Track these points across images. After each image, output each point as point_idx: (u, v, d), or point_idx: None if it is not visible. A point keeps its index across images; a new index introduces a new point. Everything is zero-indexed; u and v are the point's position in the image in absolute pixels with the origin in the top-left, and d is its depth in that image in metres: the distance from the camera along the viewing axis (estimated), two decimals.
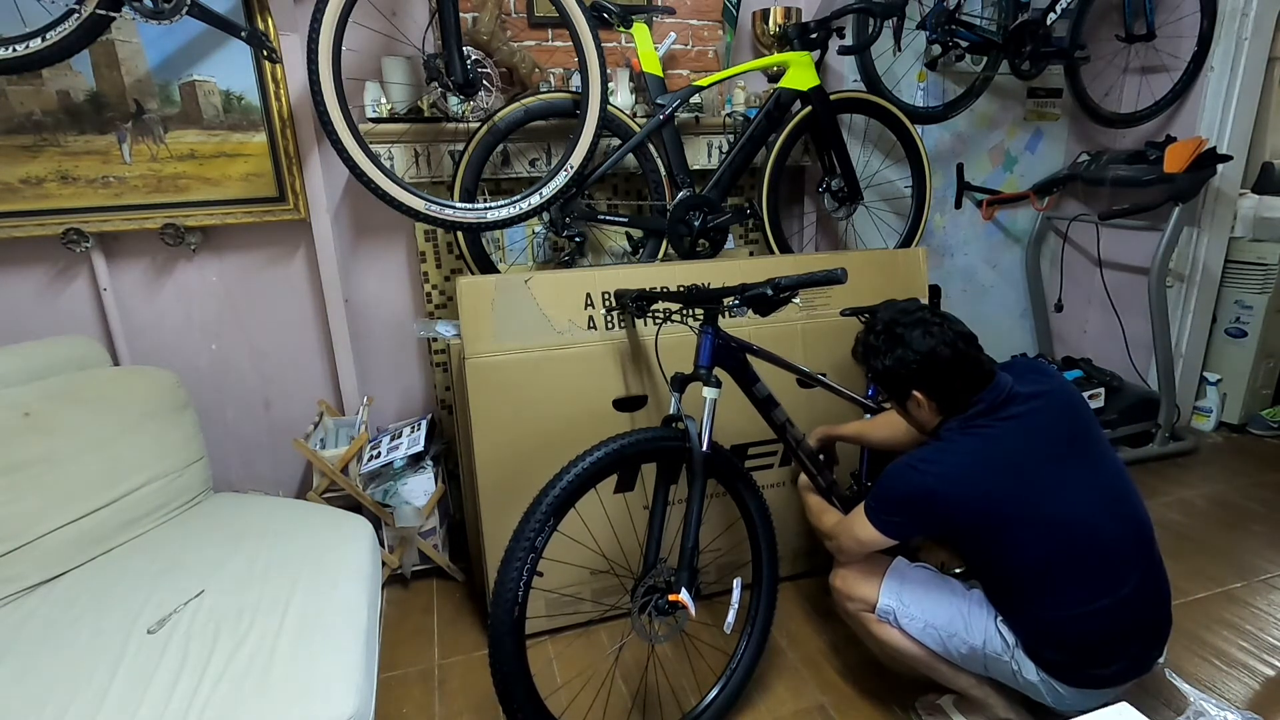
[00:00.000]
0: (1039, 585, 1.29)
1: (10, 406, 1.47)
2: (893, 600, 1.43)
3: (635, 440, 1.40)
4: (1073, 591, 1.27)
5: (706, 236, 2.13)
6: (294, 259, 2.15)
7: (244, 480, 2.24)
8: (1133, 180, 2.63)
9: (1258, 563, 2.10)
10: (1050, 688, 1.32)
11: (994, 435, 1.30)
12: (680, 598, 1.33)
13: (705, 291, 1.49)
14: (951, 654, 1.40)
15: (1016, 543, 1.30)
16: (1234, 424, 3.04)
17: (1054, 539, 1.28)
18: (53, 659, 1.18)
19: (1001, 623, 1.36)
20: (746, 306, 1.41)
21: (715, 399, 1.44)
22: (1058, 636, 1.29)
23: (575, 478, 1.34)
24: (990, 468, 1.29)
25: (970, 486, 1.29)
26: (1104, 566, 1.28)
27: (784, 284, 1.36)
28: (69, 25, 1.48)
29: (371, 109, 1.96)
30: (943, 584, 1.45)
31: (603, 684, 1.65)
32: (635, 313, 1.69)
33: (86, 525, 1.48)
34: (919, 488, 1.31)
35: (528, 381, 1.70)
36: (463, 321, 1.66)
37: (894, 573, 1.46)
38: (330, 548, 1.49)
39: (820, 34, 2.10)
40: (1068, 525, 1.28)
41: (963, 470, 1.29)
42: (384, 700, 1.64)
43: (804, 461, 1.70)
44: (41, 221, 1.82)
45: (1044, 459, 1.29)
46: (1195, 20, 2.62)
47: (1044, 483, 1.29)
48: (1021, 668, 1.33)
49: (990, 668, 1.39)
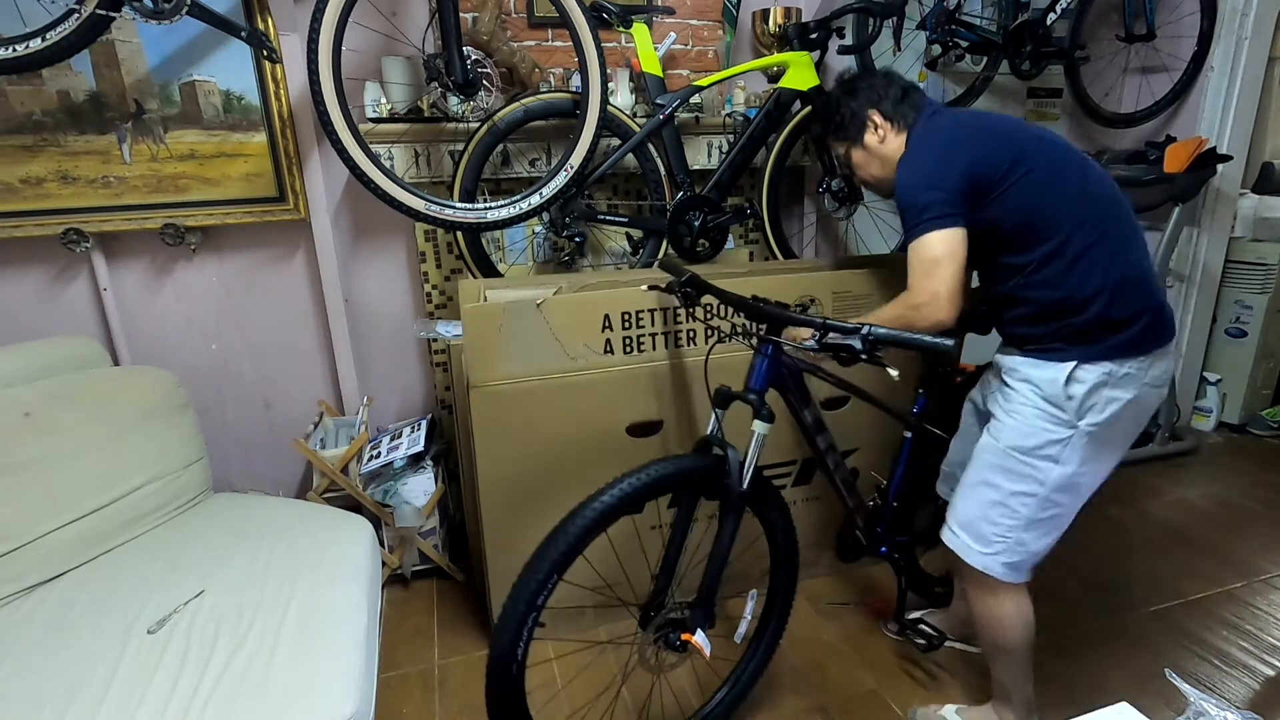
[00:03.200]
0: (1084, 239, 1.23)
1: (10, 406, 1.47)
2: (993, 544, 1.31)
3: (671, 470, 1.24)
4: (1113, 228, 1.25)
5: (706, 236, 2.13)
6: (294, 259, 2.15)
7: (244, 480, 2.24)
8: (1133, 180, 2.62)
9: (1258, 563, 2.10)
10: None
11: (963, 114, 1.38)
12: (695, 640, 1.26)
13: (777, 314, 1.29)
14: (1056, 503, 1.29)
15: (1044, 182, 1.24)
16: (1234, 424, 3.04)
17: (1076, 178, 1.26)
18: (53, 659, 1.17)
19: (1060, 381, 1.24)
20: (825, 352, 1.16)
21: (765, 435, 1.29)
22: (1119, 276, 1.23)
23: (604, 505, 1.19)
24: (979, 125, 1.32)
25: (974, 134, 1.29)
26: (1124, 210, 1.28)
27: (878, 338, 1.11)
28: (69, 25, 1.48)
29: (371, 109, 1.96)
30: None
31: (607, 710, 1.62)
32: (682, 301, 1.45)
33: (86, 525, 1.48)
34: (933, 153, 1.30)
35: (537, 410, 1.61)
36: (468, 346, 1.56)
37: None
38: (330, 548, 1.49)
39: (820, 34, 2.10)
40: (1082, 164, 1.28)
41: (958, 126, 1.33)
42: (384, 700, 1.64)
43: (838, 486, 1.58)
44: (41, 221, 1.82)
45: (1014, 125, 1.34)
46: (1195, 20, 2.62)
47: (1037, 137, 1.30)
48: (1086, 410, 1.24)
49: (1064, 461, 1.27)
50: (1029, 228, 1.25)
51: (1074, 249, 1.23)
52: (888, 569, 1.97)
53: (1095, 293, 1.22)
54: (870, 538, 1.68)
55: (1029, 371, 1.29)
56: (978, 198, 1.26)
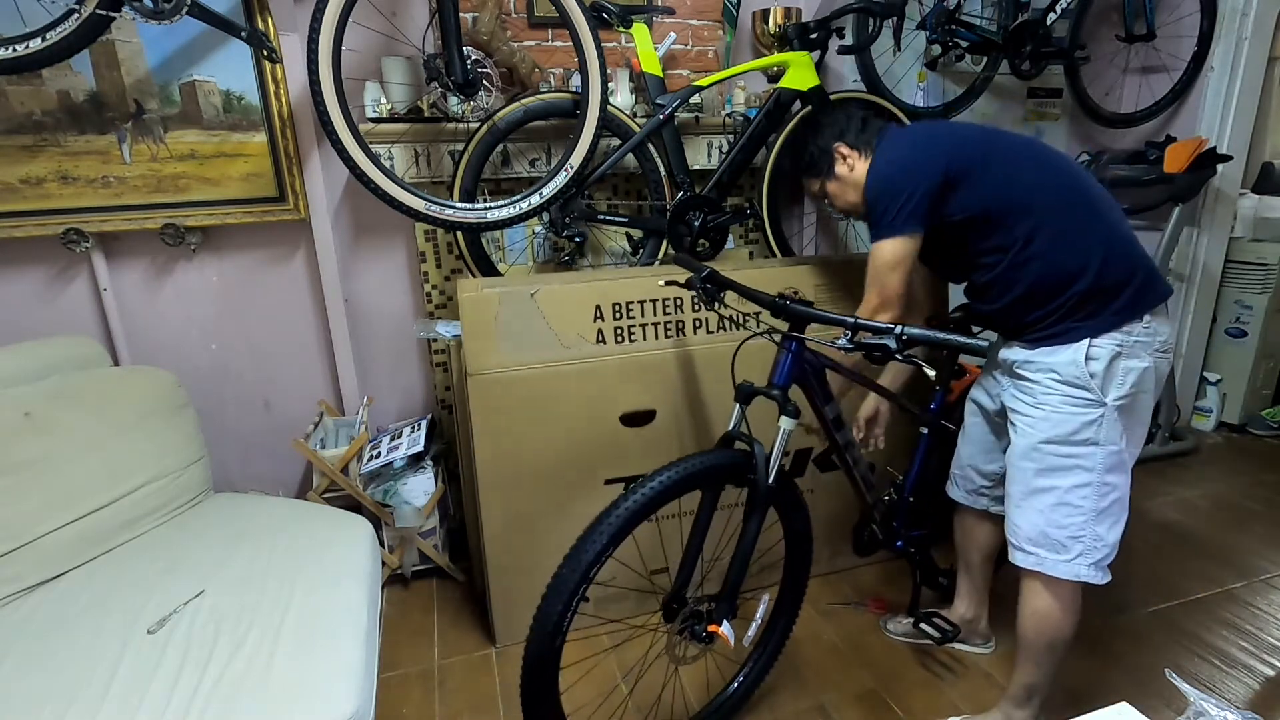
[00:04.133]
0: (1059, 214, 1.29)
1: (10, 406, 1.47)
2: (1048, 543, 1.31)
3: (704, 465, 1.28)
4: (1083, 197, 1.31)
5: (706, 236, 2.13)
6: (294, 259, 2.15)
7: (244, 480, 2.24)
8: (1133, 180, 2.63)
9: (1258, 563, 2.10)
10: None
11: (920, 124, 1.47)
12: (721, 631, 1.30)
13: (802, 311, 1.32)
14: (1109, 486, 1.29)
15: (1010, 167, 1.32)
16: (1234, 424, 3.04)
17: (1035, 160, 1.34)
18: (53, 659, 1.18)
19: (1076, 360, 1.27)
20: (858, 351, 1.20)
21: (790, 431, 1.31)
22: (1105, 238, 1.28)
23: (641, 500, 1.22)
24: (936, 129, 1.43)
25: (941, 139, 1.37)
26: (1089, 181, 1.35)
27: (912, 338, 1.14)
28: (69, 25, 1.47)
29: (371, 109, 1.96)
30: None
31: (626, 695, 1.64)
32: (704, 296, 1.44)
33: (86, 525, 1.48)
34: (901, 160, 1.36)
35: (533, 398, 1.65)
36: (465, 336, 1.61)
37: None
38: (330, 548, 1.49)
39: (820, 34, 2.10)
40: (1031, 145, 1.37)
41: (924, 131, 1.42)
42: (384, 700, 1.64)
43: (856, 479, 1.61)
44: (41, 221, 1.82)
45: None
46: (1195, 20, 2.62)
47: (987, 131, 1.41)
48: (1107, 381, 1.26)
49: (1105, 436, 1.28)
50: (1007, 210, 1.30)
51: (1055, 221, 1.28)
52: (888, 569, 1.98)
53: (1085, 259, 1.26)
54: (886, 532, 1.71)
55: (1046, 360, 1.30)
56: (948, 191, 1.32)
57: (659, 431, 1.77)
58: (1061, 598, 1.34)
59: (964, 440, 1.60)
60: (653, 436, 1.77)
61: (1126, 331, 1.26)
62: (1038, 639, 1.38)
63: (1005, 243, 1.31)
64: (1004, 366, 1.41)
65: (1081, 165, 1.39)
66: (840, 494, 2.02)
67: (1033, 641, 1.39)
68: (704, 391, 1.80)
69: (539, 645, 1.18)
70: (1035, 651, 1.39)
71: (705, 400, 1.81)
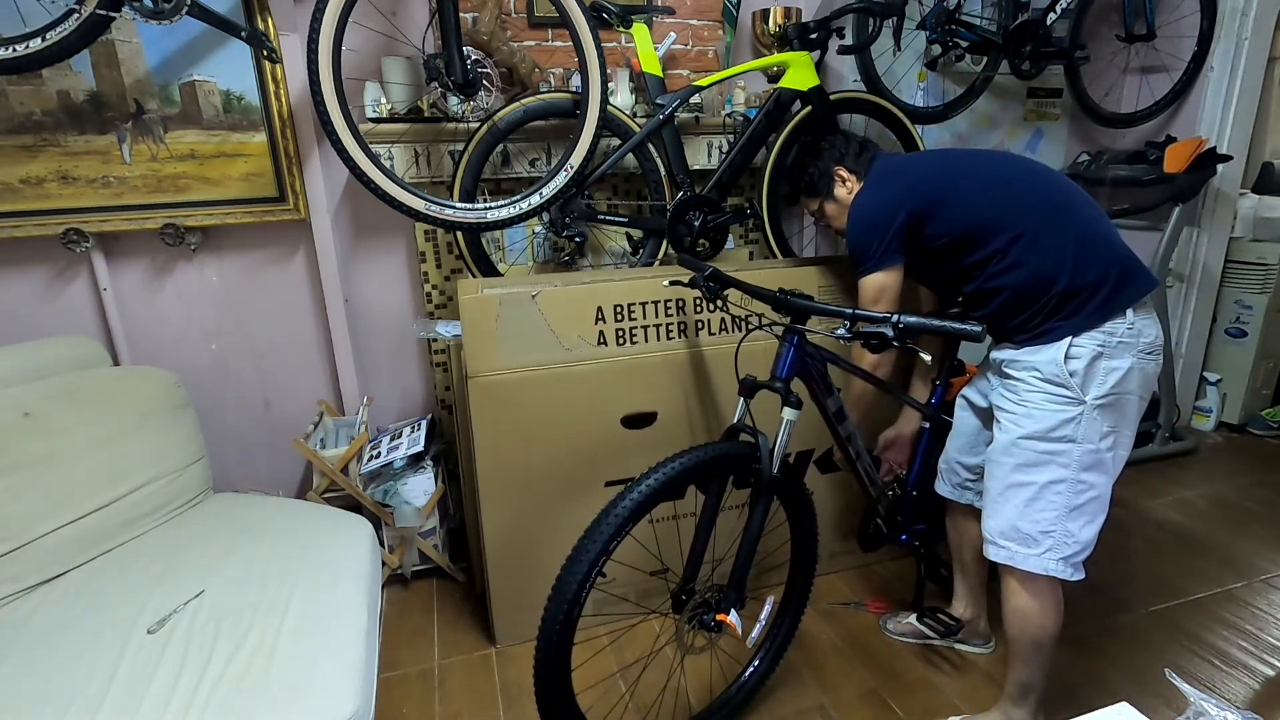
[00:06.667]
0: (1032, 221, 1.34)
1: (10, 406, 1.47)
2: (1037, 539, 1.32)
3: (712, 454, 1.31)
4: (1055, 199, 1.38)
5: (706, 236, 2.13)
6: (294, 259, 2.15)
7: (244, 480, 2.24)
8: (1133, 180, 2.63)
9: (1258, 563, 2.10)
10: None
11: (899, 157, 1.58)
12: (729, 620, 1.32)
13: (803, 305, 1.35)
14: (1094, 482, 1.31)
15: (983, 187, 1.40)
16: (1234, 424, 3.04)
17: (1006, 175, 1.42)
18: (53, 659, 1.17)
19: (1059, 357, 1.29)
20: (857, 340, 1.25)
21: (794, 421, 1.35)
22: (1075, 237, 1.32)
23: (649, 489, 1.25)
24: (921, 159, 1.56)
25: (904, 176, 1.47)
26: (1060, 181, 1.43)
27: (908, 325, 1.18)
28: (69, 25, 1.47)
29: (371, 109, 1.96)
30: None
31: (626, 693, 1.64)
32: (706, 294, 1.47)
33: (86, 525, 1.48)
34: (868, 203, 1.48)
35: (533, 400, 1.65)
36: (466, 338, 1.60)
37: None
38: (330, 548, 1.49)
39: (820, 34, 2.10)
40: (1003, 159, 1.48)
41: (889, 171, 1.51)
42: (384, 700, 1.64)
43: (859, 473, 1.64)
44: (41, 221, 1.82)
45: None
46: (1195, 20, 2.62)
47: (962, 155, 1.54)
48: (1088, 382, 1.28)
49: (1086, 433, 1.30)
50: (983, 226, 1.36)
51: (1029, 228, 1.33)
52: (887, 569, 1.98)
53: (1059, 261, 1.30)
54: (891, 526, 1.75)
55: (1029, 359, 1.34)
56: (920, 224, 1.42)
57: (660, 433, 1.77)
58: (1039, 595, 1.35)
59: (951, 435, 1.63)
60: (654, 438, 1.77)
61: (1109, 331, 1.29)
62: (1021, 636, 1.40)
63: (987, 255, 1.37)
64: (994, 366, 1.45)
65: (1053, 168, 1.44)
66: (839, 494, 2.02)
67: (1018, 639, 1.41)
68: (705, 393, 1.80)
69: (557, 609, 1.21)
70: (1022, 649, 1.41)
71: (707, 401, 1.81)
